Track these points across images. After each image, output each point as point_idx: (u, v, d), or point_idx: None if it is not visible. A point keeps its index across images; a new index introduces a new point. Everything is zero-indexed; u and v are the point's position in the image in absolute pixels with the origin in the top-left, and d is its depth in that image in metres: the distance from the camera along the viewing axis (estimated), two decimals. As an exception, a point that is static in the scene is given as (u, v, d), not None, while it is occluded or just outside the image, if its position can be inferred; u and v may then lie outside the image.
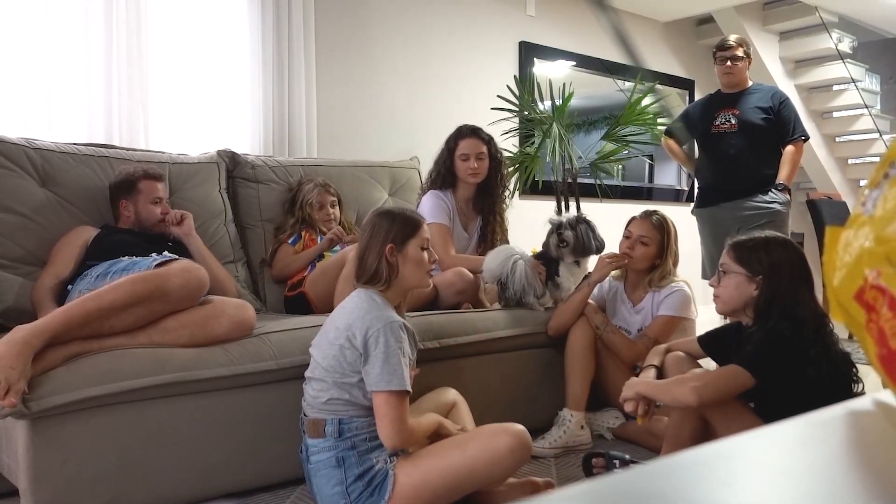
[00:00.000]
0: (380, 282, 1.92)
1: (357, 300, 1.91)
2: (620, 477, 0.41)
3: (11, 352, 1.71)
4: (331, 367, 1.85)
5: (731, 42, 3.58)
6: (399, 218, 1.98)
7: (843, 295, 0.56)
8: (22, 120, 2.92)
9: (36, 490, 1.78)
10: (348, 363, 1.83)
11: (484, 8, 4.60)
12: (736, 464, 0.46)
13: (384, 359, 1.78)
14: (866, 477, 0.43)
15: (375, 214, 2.02)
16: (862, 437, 0.51)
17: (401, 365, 1.80)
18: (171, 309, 2.02)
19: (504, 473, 1.89)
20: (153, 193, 2.54)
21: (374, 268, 1.92)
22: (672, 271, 2.75)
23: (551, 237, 2.76)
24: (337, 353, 1.84)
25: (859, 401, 0.57)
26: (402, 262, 1.94)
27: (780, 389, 1.91)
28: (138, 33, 3.15)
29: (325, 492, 1.85)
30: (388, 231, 1.94)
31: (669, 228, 2.75)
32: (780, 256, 2.02)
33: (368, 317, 1.83)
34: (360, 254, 1.97)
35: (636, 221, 2.76)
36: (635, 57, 5.29)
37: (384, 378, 1.78)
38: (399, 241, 1.94)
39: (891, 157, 0.55)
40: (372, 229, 1.96)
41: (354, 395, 1.84)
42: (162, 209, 2.56)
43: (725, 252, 2.11)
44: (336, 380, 1.84)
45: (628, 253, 2.72)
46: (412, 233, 1.97)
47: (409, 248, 1.95)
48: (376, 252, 1.92)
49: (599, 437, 2.67)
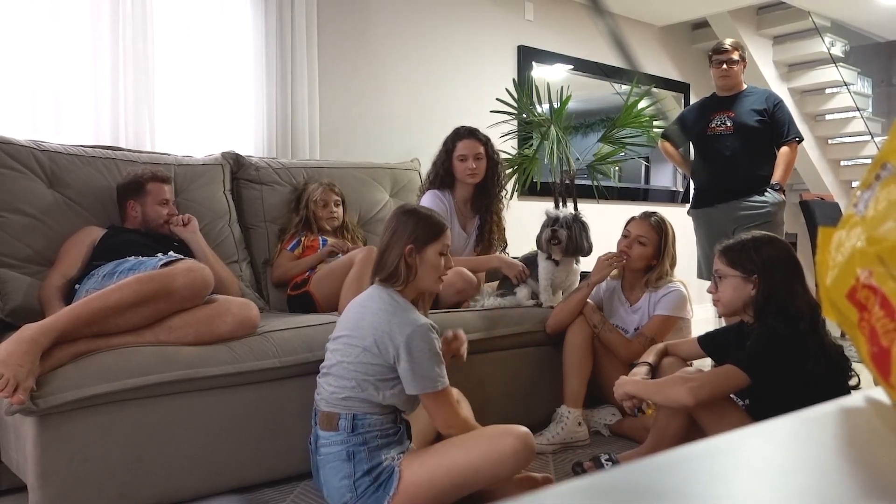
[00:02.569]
0: (398, 281, 1.91)
1: (379, 301, 1.89)
2: (617, 473, 0.41)
3: (20, 350, 1.72)
4: (352, 364, 1.85)
5: (727, 46, 3.58)
6: (424, 220, 1.97)
7: (835, 294, 0.56)
8: (30, 122, 2.93)
9: (44, 485, 1.78)
10: (372, 365, 1.83)
11: (483, 13, 4.60)
12: (730, 460, 0.46)
13: (419, 363, 1.81)
14: (858, 473, 0.43)
15: (401, 212, 2.01)
16: (854, 433, 0.51)
17: (435, 366, 1.83)
18: (176, 308, 2.02)
19: (508, 474, 1.88)
20: (160, 195, 2.55)
21: (395, 266, 1.91)
22: (669, 272, 2.75)
23: (545, 230, 2.76)
24: (360, 353, 1.84)
25: (851, 398, 0.57)
26: (420, 264, 1.93)
27: (777, 387, 1.91)
28: (144, 38, 3.15)
29: (332, 483, 1.85)
30: (413, 231, 1.93)
31: (667, 230, 2.75)
32: (770, 253, 2.03)
33: (395, 320, 1.83)
34: (381, 249, 1.96)
35: (635, 222, 2.76)
36: (632, 61, 5.29)
37: (421, 383, 1.82)
38: (420, 242, 1.93)
39: (882, 158, 0.55)
40: (396, 227, 1.95)
41: (372, 394, 1.84)
42: (168, 210, 2.56)
43: (717, 258, 2.12)
44: (358, 378, 1.84)
45: (626, 252, 2.72)
46: (434, 237, 1.96)
47: (428, 251, 1.95)
48: (398, 250, 1.92)
49: (596, 434, 2.67)
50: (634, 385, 2.11)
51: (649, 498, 0.39)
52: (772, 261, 2.01)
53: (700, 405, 1.94)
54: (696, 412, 2.02)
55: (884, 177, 0.54)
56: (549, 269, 2.79)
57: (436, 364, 1.83)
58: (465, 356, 2.21)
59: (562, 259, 2.78)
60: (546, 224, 2.77)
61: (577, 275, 2.87)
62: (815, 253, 0.62)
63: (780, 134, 3.52)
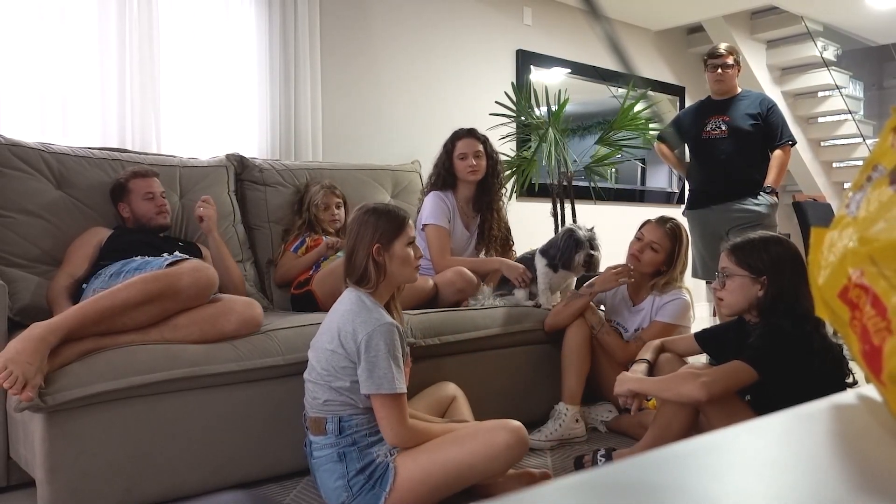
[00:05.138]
0: (369, 283, 1.89)
1: (347, 304, 1.88)
2: (614, 468, 0.41)
3: (28, 348, 1.72)
4: (324, 370, 1.84)
5: (722, 50, 3.57)
6: (384, 216, 1.93)
7: (827, 293, 0.56)
8: (39, 125, 2.93)
9: (52, 481, 1.79)
10: (340, 367, 1.81)
11: (483, 18, 4.60)
12: (726, 455, 0.46)
13: (375, 363, 1.76)
14: (850, 467, 0.44)
15: (361, 213, 1.96)
16: (846, 429, 0.51)
17: (391, 368, 1.77)
18: (181, 307, 2.02)
19: (502, 468, 1.88)
20: (144, 189, 2.53)
21: (363, 268, 1.89)
22: (678, 279, 2.69)
23: (577, 253, 2.67)
24: (329, 357, 1.83)
25: (844, 395, 0.58)
26: (389, 261, 1.91)
27: (783, 383, 1.89)
28: (150, 42, 3.16)
29: (328, 485, 1.85)
30: (375, 230, 1.90)
31: (682, 237, 2.68)
32: (780, 254, 1.98)
33: (357, 320, 1.81)
34: (348, 253, 1.93)
35: (650, 226, 2.69)
36: (628, 64, 5.29)
37: (375, 382, 1.76)
38: (386, 240, 1.90)
39: (873, 160, 0.55)
40: (359, 228, 1.92)
41: (349, 396, 1.82)
42: (157, 202, 2.54)
43: (725, 255, 2.05)
44: (329, 383, 1.83)
45: (636, 255, 2.67)
46: (398, 231, 1.93)
47: (395, 246, 1.92)
48: (364, 252, 1.89)
49: (594, 431, 2.67)
50: (639, 382, 2.06)
51: (645, 493, 0.39)
52: (781, 262, 1.96)
53: (712, 400, 1.89)
54: (705, 408, 1.97)
55: (875, 178, 0.54)
56: (547, 273, 2.78)
57: (393, 365, 1.77)
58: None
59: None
60: (574, 246, 2.68)
61: (574, 277, 2.86)
62: (808, 253, 0.62)
63: (773, 138, 3.52)
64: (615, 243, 3.05)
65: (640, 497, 0.38)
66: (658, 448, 0.44)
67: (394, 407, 1.78)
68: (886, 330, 0.48)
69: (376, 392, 1.76)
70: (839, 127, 6.01)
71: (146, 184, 2.54)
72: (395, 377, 1.77)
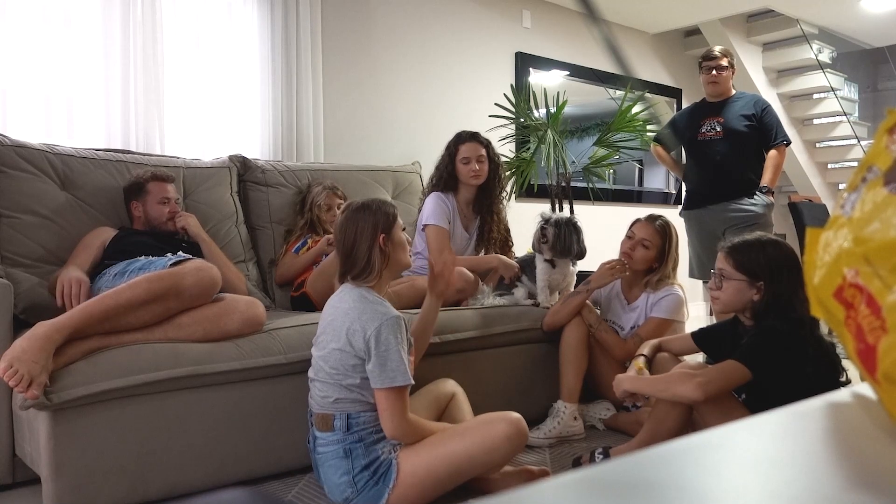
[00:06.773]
0: (371, 275, 1.90)
1: (350, 301, 1.87)
2: (613, 465, 0.41)
3: (34, 346, 1.72)
4: (333, 369, 1.84)
5: (716, 52, 3.57)
6: (380, 208, 1.96)
7: (822, 293, 0.56)
8: (44, 126, 2.93)
9: (57, 478, 1.79)
10: (350, 365, 1.82)
11: (482, 21, 4.60)
12: (722, 452, 0.46)
13: (387, 356, 1.77)
14: (845, 465, 0.44)
15: (352, 211, 1.96)
16: (841, 427, 0.51)
17: (402, 361, 1.78)
18: (185, 306, 2.02)
19: (502, 459, 1.88)
20: (161, 194, 2.54)
21: (366, 260, 1.89)
22: (671, 275, 2.70)
23: (536, 230, 2.76)
24: (338, 356, 1.83)
25: (838, 393, 0.58)
26: (393, 249, 1.94)
27: (777, 382, 1.88)
28: (154, 44, 3.16)
29: (332, 480, 1.85)
30: (375, 223, 1.91)
31: (671, 234, 2.70)
32: (778, 258, 1.97)
33: (364, 317, 1.81)
34: (346, 251, 1.92)
35: (640, 224, 2.71)
36: (626, 67, 5.29)
37: (388, 376, 1.77)
38: (388, 229, 1.93)
39: (868, 161, 0.55)
40: (356, 225, 1.91)
41: (360, 392, 1.83)
42: (170, 208, 2.55)
43: (723, 257, 2.04)
44: (339, 381, 1.83)
45: (629, 254, 2.68)
46: (395, 219, 1.97)
47: (395, 233, 1.96)
48: (367, 245, 1.89)
49: (592, 428, 2.67)
50: (635, 382, 2.06)
51: (642, 490, 0.39)
52: (779, 266, 1.95)
53: (708, 400, 1.89)
54: (700, 408, 1.97)
55: (870, 179, 0.54)
56: (546, 270, 2.78)
57: (402, 358, 1.79)
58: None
59: (558, 261, 2.77)
60: (539, 223, 2.77)
61: (573, 276, 2.86)
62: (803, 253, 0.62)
63: (768, 138, 3.52)
64: (614, 243, 3.04)
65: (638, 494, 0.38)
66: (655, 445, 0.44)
67: (398, 399, 1.79)
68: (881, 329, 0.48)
69: (391, 386, 1.77)
70: (834, 129, 6.01)
71: (164, 188, 2.55)
72: (406, 370, 1.79)
